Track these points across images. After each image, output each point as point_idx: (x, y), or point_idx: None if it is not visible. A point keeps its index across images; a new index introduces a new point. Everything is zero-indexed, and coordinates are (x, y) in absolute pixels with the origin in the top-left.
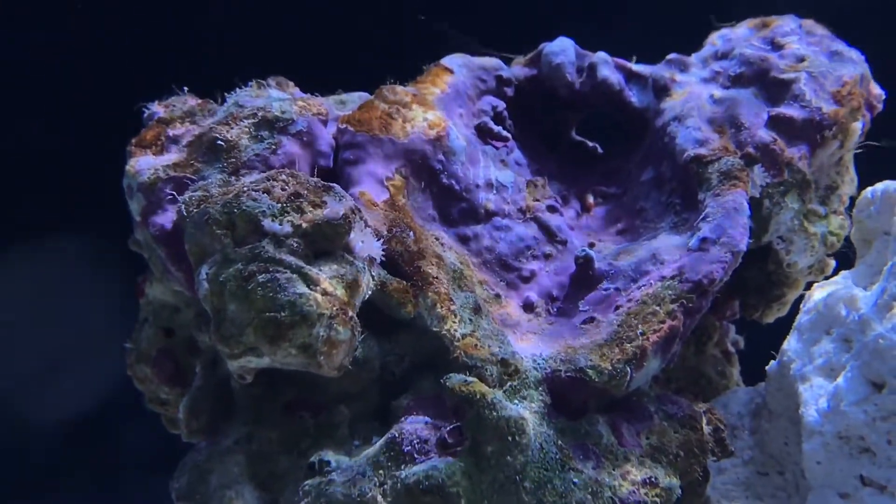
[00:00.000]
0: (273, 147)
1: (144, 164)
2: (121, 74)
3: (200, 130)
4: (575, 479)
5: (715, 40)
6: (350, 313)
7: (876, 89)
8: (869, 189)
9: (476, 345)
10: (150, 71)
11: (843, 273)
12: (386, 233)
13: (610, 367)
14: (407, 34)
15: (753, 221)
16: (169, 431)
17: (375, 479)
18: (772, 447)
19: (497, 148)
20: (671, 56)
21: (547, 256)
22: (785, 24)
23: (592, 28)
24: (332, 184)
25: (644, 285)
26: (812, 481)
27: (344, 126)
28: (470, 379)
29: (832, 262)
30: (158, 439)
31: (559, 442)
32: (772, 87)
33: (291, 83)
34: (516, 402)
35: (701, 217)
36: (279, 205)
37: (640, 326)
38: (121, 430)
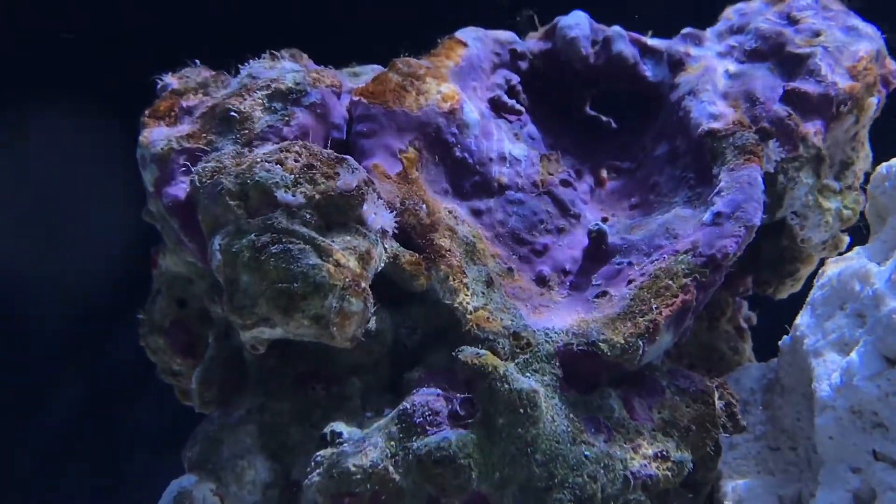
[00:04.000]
0: (286, 118)
1: (158, 134)
2: (135, 45)
3: (214, 102)
4: (586, 453)
5: (730, 14)
6: (363, 285)
7: (892, 65)
8: (884, 165)
9: (488, 318)
10: (163, 41)
11: (857, 248)
12: (399, 205)
13: (622, 341)
14: (421, 7)
15: (767, 196)
16: (181, 402)
17: (387, 450)
18: (784, 422)
19: (511, 122)
20: (686, 30)
21: (560, 230)
22: None
23: (607, 2)
24: (345, 156)
25: (657, 259)
26: (824, 456)
27: (357, 98)
28: (482, 352)
29: (846, 238)
30: (170, 410)
31: (571, 415)
32: (787, 62)
33: (305, 55)
34: (528, 375)
35: (715, 191)
36: (292, 176)
37: (652, 300)
38: (132, 402)
